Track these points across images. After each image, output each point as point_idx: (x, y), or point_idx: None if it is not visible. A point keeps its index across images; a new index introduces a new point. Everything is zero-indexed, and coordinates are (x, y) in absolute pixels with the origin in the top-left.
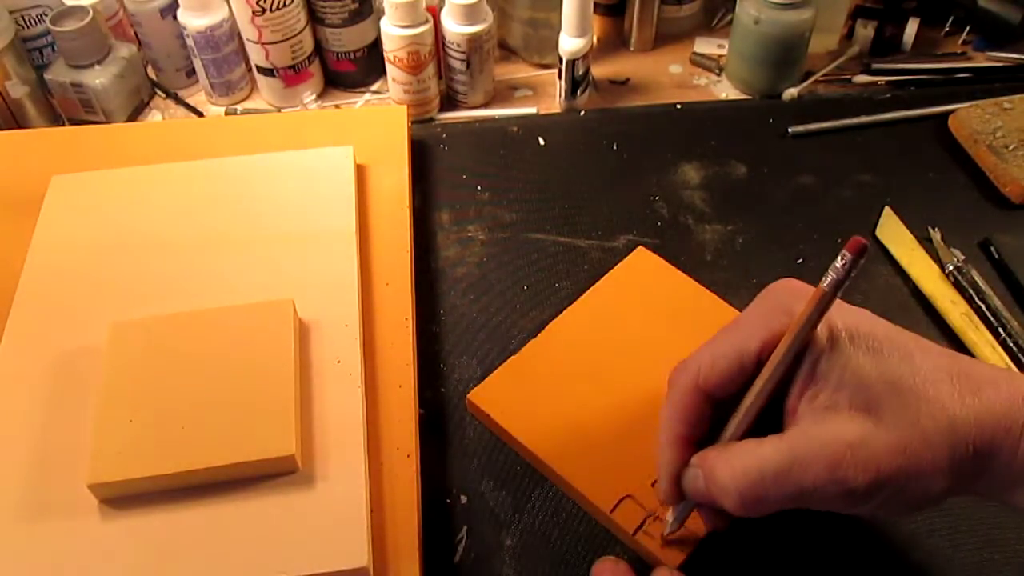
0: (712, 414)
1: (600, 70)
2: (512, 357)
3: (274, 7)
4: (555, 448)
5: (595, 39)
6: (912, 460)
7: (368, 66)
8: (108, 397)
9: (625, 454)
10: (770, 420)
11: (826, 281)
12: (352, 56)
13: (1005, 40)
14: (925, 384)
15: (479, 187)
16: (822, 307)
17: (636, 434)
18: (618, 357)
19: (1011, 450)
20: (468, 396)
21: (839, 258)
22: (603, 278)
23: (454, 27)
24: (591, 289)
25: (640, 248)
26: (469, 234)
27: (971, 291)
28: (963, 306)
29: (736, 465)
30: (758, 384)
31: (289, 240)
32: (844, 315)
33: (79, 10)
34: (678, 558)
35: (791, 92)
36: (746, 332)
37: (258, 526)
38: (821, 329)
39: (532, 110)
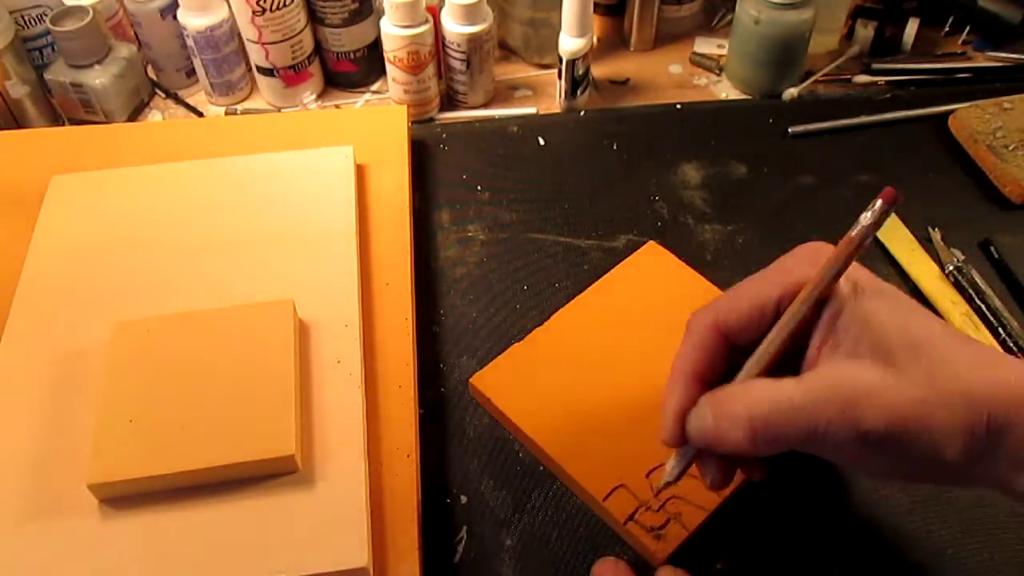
0: (726, 362)
1: (600, 70)
2: (516, 343)
3: (274, 7)
4: (553, 435)
5: (595, 39)
6: (929, 413)
7: (368, 66)
8: (108, 397)
9: (622, 444)
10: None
11: (855, 230)
12: (352, 56)
13: (1005, 40)
14: (945, 348)
15: (479, 187)
16: (849, 255)
17: (634, 425)
18: (622, 349)
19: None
20: (470, 379)
21: (869, 208)
22: (612, 270)
23: (454, 27)
24: (600, 280)
25: (651, 243)
26: (469, 234)
27: (971, 291)
28: (963, 306)
29: (752, 394)
30: (777, 328)
31: (289, 240)
32: (867, 273)
33: (79, 10)
34: (666, 549)
35: (791, 92)
36: (769, 280)
37: (258, 526)
38: (844, 281)
39: (532, 110)
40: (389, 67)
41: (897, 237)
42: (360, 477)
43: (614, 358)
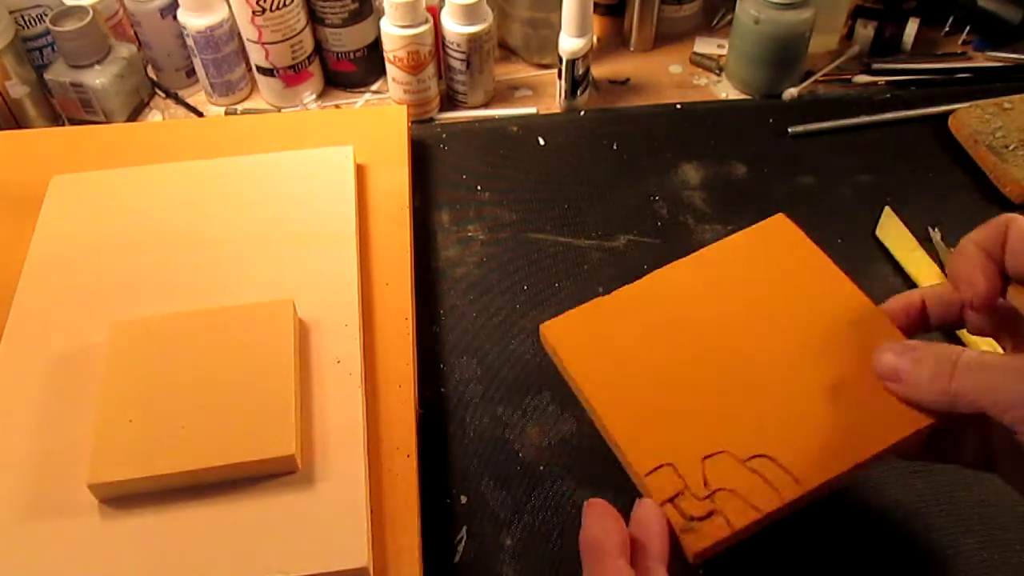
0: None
1: (600, 70)
2: (600, 297)
3: (274, 7)
4: (612, 398)
5: (595, 39)
6: None
7: (368, 66)
8: (108, 397)
9: (685, 423)
10: None
11: None
12: (352, 56)
13: (1005, 40)
14: None
15: (479, 187)
16: None
17: (704, 406)
18: (714, 324)
19: None
20: (541, 326)
21: None
22: (728, 238)
23: (454, 27)
24: (710, 246)
25: (780, 215)
26: (469, 234)
27: None
28: None
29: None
30: None
31: (289, 240)
32: None
33: (79, 10)
34: (699, 544)
35: (791, 92)
36: None
37: (258, 526)
38: None
39: (532, 110)
40: (389, 67)
41: (897, 237)
42: (360, 477)
43: (702, 332)
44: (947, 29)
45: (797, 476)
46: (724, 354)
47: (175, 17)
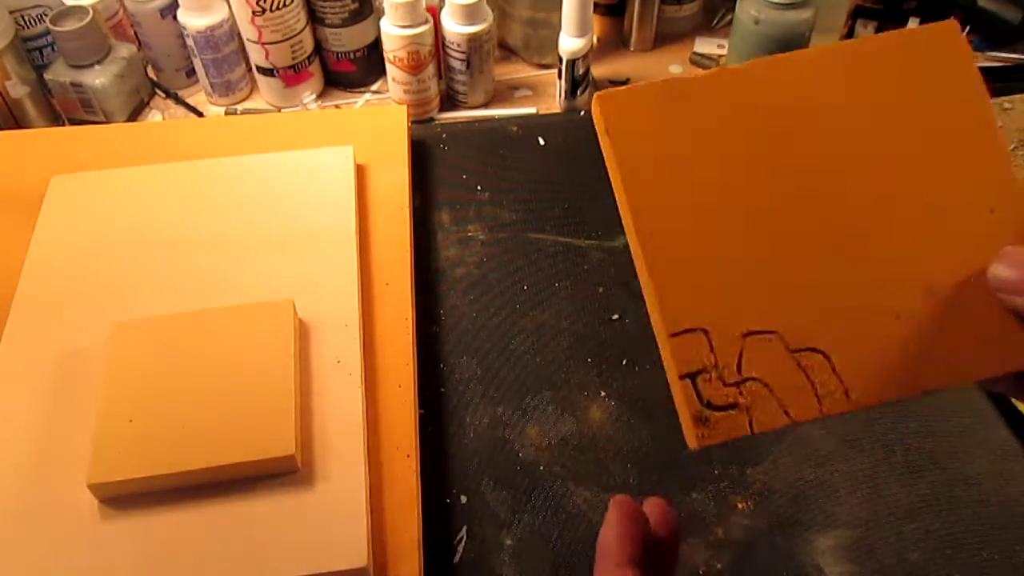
0: None
1: (600, 70)
2: (683, 76)
3: (274, 7)
4: (657, 220)
5: (595, 39)
6: None
7: (368, 66)
8: (108, 397)
9: (735, 281)
10: None
11: None
12: (352, 56)
13: (1005, 40)
14: None
15: (479, 187)
16: None
17: (765, 265)
18: (814, 158)
19: None
20: (597, 95)
21: None
22: (876, 36)
23: (454, 27)
24: (849, 41)
25: (952, 22)
26: (469, 234)
27: None
28: None
29: None
30: None
31: (289, 240)
32: None
33: (79, 10)
34: (709, 438)
35: None
36: None
37: (258, 526)
38: None
39: (532, 110)
40: (389, 67)
41: None
42: (360, 477)
43: (796, 163)
44: None
45: (849, 388)
46: (812, 204)
47: (175, 17)
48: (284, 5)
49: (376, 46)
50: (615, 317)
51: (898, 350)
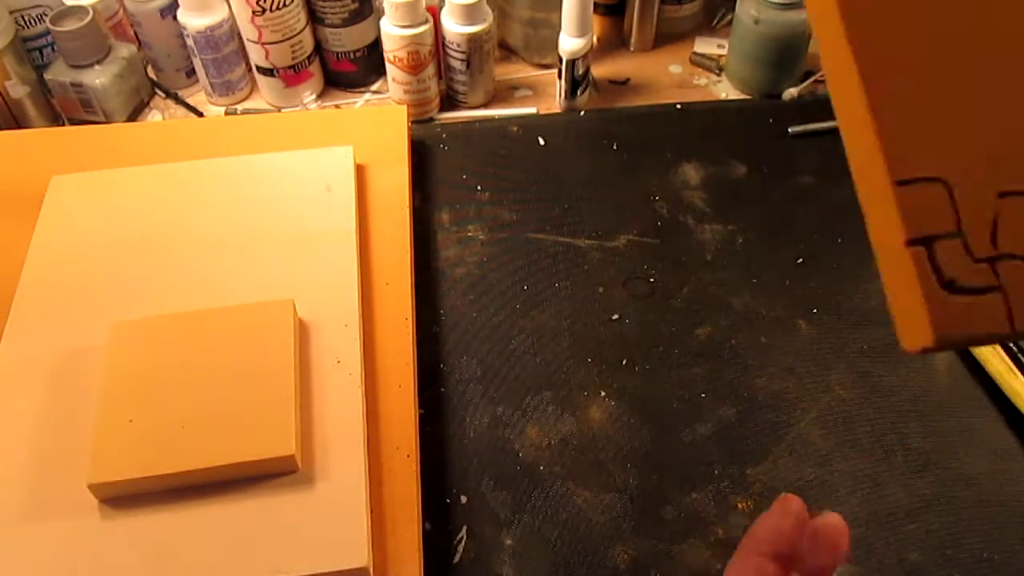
0: None
1: (600, 70)
2: None
3: (274, 7)
4: (879, 45)
5: (595, 39)
6: None
7: (368, 66)
8: (108, 397)
9: (989, 126)
10: None
11: None
12: (352, 56)
13: None
14: None
15: (479, 187)
16: None
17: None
18: None
19: None
20: None
21: None
22: None
23: (454, 27)
24: None
25: None
26: (469, 234)
27: None
28: None
29: None
30: None
31: (289, 240)
32: None
33: (79, 10)
34: (943, 329)
35: (791, 92)
36: None
37: (258, 526)
38: None
39: (532, 110)
40: (389, 67)
41: None
42: (360, 477)
43: None
44: None
45: None
46: None
47: (175, 17)
48: (284, 5)
49: (376, 46)
50: (615, 317)
51: None
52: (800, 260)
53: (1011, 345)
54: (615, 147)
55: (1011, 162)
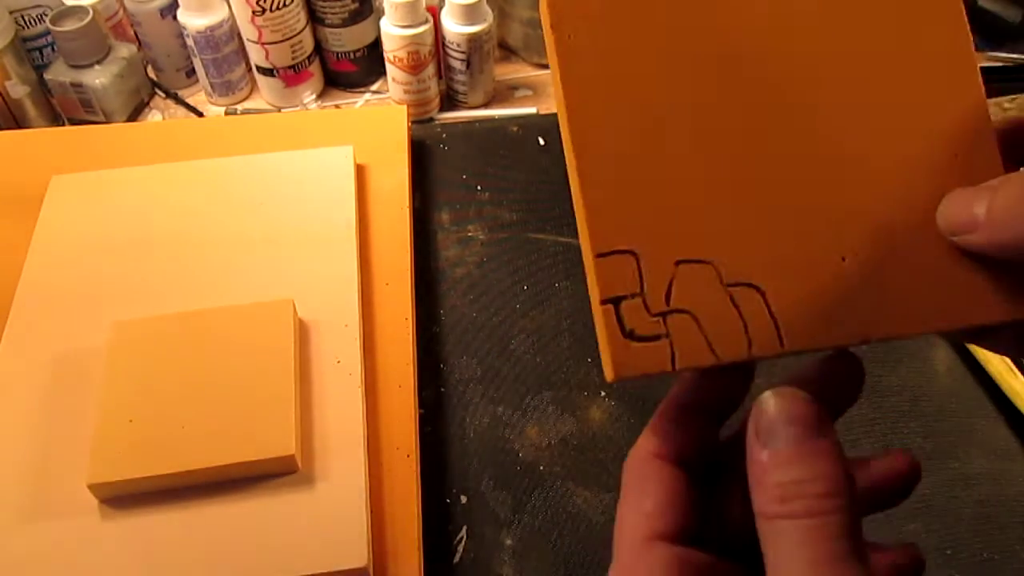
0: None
1: None
2: None
3: (274, 7)
4: (597, 124)
5: None
6: None
7: (368, 66)
8: (108, 397)
9: (673, 200)
10: None
11: None
12: (352, 56)
13: (1005, 40)
14: None
15: (479, 187)
16: None
17: (707, 187)
18: (772, 78)
19: None
20: None
21: None
22: None
23: (454, 27)
24: None
25: None
26: (469, 234)
27: None
28: None
29: None
30: None
31: (289, 240)
32: None
33: (79, 10)
34: (628, 368)
35: None
36: None
37: (258, 526)
38: None
39: (532, 110)
40: (389, 67)
41: None
42: (360, 477)
43: (753, 78)
44: None
45: (784, 329)
46: (764, 128)
47: (175, 17)
48: (284, 5)
49: (376, 46)
50: None
51: (842, 293)
52: None
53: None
54: None
55: (688, 236)
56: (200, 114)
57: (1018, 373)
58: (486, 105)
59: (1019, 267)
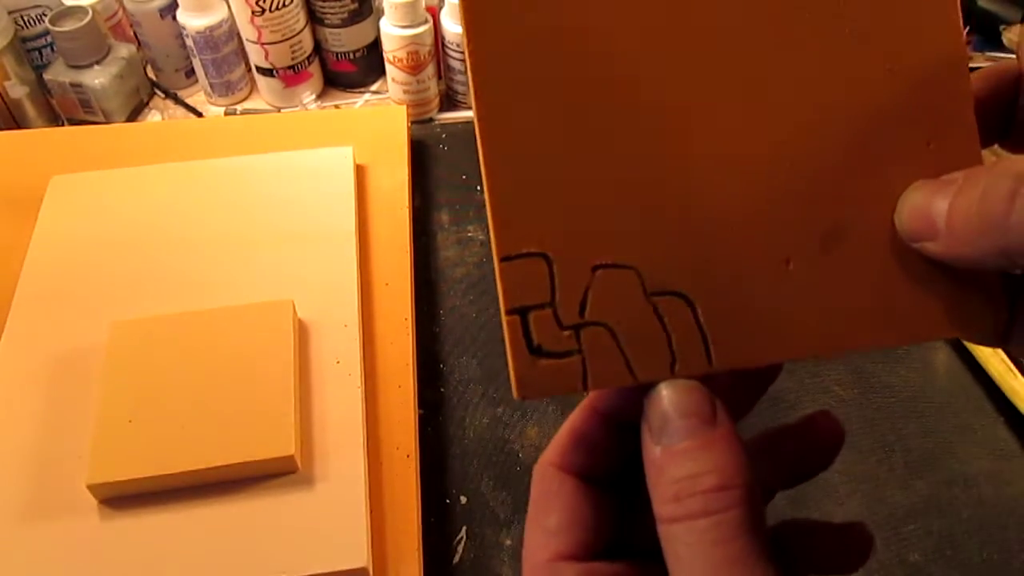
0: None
1: None
2: None
3: (273, 7)
4: (507, 111)
5: None
6: None
7: (368, 66)
8: (108, 397)
9: (595, 205)
10: None
11: None
12: (352, 56)
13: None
14: None
15: (479, 187)
16: None
17: (639, 187)
18: (710, 55)
19: None
20: None
21: None
22: None
23: (454, 27)
24: None
25: None
26: (469, 234)
27: None
28: None
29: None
30: None
31: (289, 240)
32: None
33: (78, 10)
34: (536, 389)
35: None
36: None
37: (258, 526)
38: None
39: None
40: (389, 67)
41: None
42: (360, 477)
43: (685, 55)
44: None
45: (715, 345)
46: (696, 112)
47: (175, 17)
48: (284, 5)
49: (376, 46)
50: None
51: (783, 304)
52: None
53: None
54: None
55: (604, 238)
56: (200, 114)
57: (1018, 373)
58: None
59: (982, 276)
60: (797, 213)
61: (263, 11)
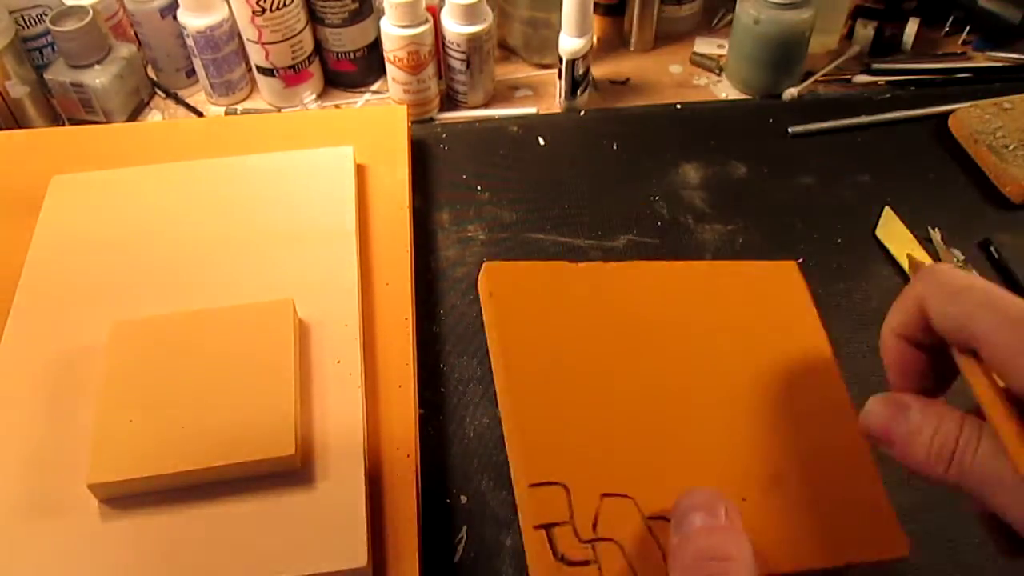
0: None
1: (600, 70)
2: (567, 262)
3: (274, 7)
4: (525, 379)
5: (595, 39)
6: None
7: (368, 66)
8: (108, 397)
9: (595, 444)
10: None
11: None
12: (352, 56)
13: (1005, 40)
14: None
15: (479, 187)
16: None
17: (624, 436)
18: (677, 347)
19: None
20: (485, 265)
21: None
22: (730, 262)
23: (454, 27)
24: (711, 262)
25: (793, 263)
26: (469, 234)
27: None
28: None
29: None
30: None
31: (289, 240)
32: None
33: (79, 10)
34: None
35: (791, 92)
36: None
37: (258, 526)
38: None
39: (532, 110)
40: (389, 67)
41: (897, 237)
42: (360, 477)
43: (660, 349)
44: (947, 29)
45: None
46: (671, 385)
47: (175, 17)
48: (284, 5)
49: (376, 46)
50: None
51: (745, 528)
52: (800, 260)
53: None
54: (615, 147)
55: (611, 474)
56: (200, 114)
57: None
58: (486, 105)
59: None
60: (748, 467)
61: (264, 11)
